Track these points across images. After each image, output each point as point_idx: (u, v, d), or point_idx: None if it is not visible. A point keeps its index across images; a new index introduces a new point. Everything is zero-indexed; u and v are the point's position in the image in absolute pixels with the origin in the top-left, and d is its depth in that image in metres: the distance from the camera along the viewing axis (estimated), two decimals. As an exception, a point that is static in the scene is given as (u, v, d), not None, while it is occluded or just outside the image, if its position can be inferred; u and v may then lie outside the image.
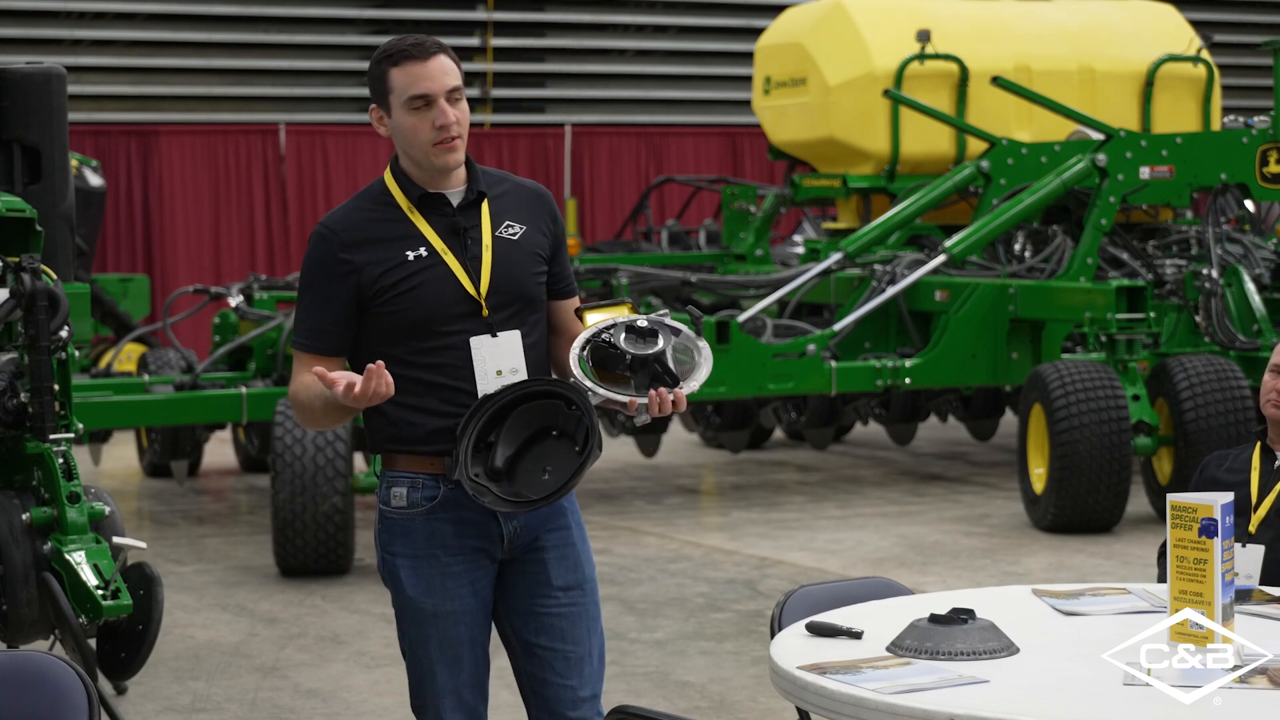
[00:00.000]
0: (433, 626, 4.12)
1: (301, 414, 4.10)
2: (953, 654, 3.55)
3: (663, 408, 3.92)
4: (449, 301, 4.02)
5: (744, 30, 18.88)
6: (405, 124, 4.01)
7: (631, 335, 3.96)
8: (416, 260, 4.02)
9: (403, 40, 4.04)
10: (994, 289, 11.51)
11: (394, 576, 4.15)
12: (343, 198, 17.84)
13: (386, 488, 4.09)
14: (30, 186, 6.97)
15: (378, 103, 4.06)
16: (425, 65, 3.99)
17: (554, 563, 4.14)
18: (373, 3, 18.60)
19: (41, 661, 3.69)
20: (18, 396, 6.33)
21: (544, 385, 4.00)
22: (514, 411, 3.97)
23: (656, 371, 3.96)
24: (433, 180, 4.06)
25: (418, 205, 4.06)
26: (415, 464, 4.05)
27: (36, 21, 17.43)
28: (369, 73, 4.09)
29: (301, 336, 4.10)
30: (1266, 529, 4.69)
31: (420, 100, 3.99)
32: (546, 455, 3.97)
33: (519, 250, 4.10)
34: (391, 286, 4.01)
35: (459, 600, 4.10)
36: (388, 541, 4.13)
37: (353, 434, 9.58)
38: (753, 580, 9.12)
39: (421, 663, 4.15)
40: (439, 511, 4.06)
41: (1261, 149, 11.79)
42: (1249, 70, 19.54)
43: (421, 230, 4.05)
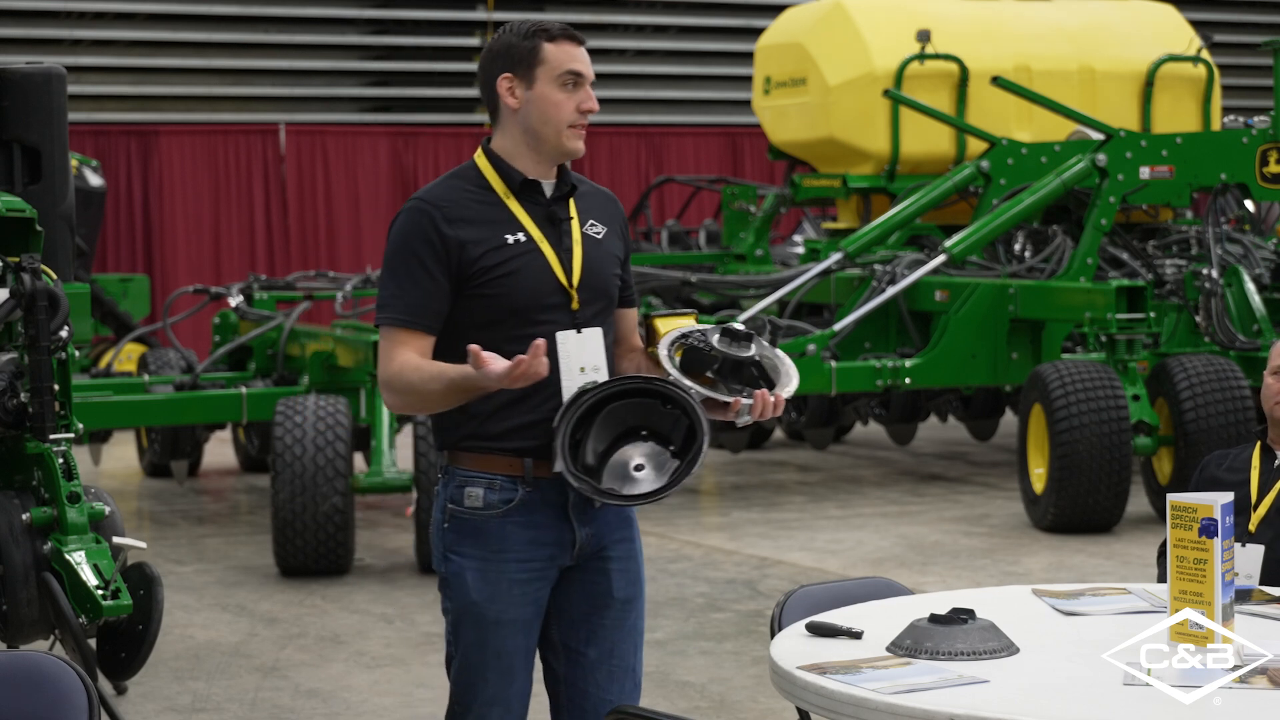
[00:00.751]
0: (493, 634, 3.99)
1: (405, 396, 3.94)
2: (953, 654, 3.55)
3: (765, 410, 3.88)
4: (545, 290, 3.95)
5: (744, 30, 18.88)
6: (551, 98, 3.95)
7: (725, 337, 3.91)
8: (515, 245, 3.95)
9: (550, 21, 4.01)
10: (994, 289, 11.51)
11: (458, 579, 4.01)
12: (343, 198, 18.02)
13: (458, 487, 3.98)
14: (30, 186, 6.96)
15: (515, 72, 3.96)
16: (579, 50, 3.99)
17: (617, 574, 4.09)
18: (373, 3, 18.60)
19: (41, 661, 3.69)
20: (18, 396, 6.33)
21: (641, 383, 3.91)
22: (604, 409, 3.89)
23: (751, 376, 3.91)
24: (536, 167, 4.00)
25: (517, 191, 3.99)
26: (493, 464, 3.96)
27: (36, 21, 17.43)
28: (502, 45, 3.98)
29: (399, 313, 3.94)
30: (1266, 528, 4.69)
31: (573, 77, 3.96)
32: (635, 454, 3.90)
33: (602, 250, 4.05)
34: (492, 268, 3.92)
35: (522, 609, 4.00)
36: (455, 542, 4.01)
37: (352, 434, 9.59)
38: (753, 580, 9.12)
39: (474, 669, 4.02)
40: (514, 515, 3.96)
41: (1261, 149, 11.79)
42: (1249, 70, 19.54)
43: (518, 216, 3.98)
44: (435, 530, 4.06)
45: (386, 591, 9.00)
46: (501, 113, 4.01)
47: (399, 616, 8.44)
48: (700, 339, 3.91)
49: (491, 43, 4.03)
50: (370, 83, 18.91)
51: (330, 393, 10.02)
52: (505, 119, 4.01)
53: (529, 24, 4.00)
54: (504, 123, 4.01)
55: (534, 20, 4.02)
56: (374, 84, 18.91)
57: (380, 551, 10.06)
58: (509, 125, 4.00)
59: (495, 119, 4.04)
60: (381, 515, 11.14)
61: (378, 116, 18.69)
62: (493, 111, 4.04)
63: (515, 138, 4.00)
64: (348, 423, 9.39)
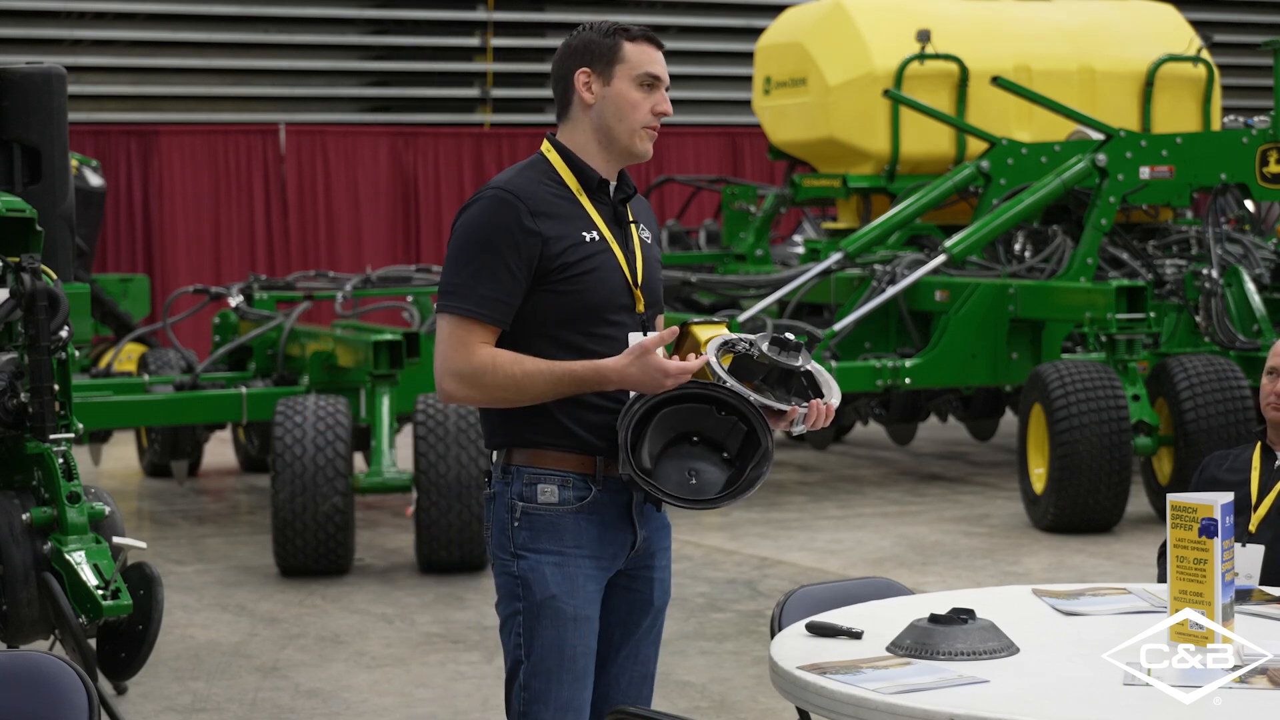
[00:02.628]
0: (571, 631, 3.91)
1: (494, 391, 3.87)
2: (953, 654, 3.55)
3: (818, 420, 3.90)
4: (618, 290, 3.94)
5: (744, 30, 18.88)
6: (628, 96, 3.95)
7: (775, 345, 3.89)
8: (592, 243, 3.93)
9: (630, 23, 4.01)
10: (994, 289, 11.51)
11: (536, 572, 3.90)
12: (343, 198, 18.01)
13: (529, 484, 3.91)
14: (30, 186, 6.97)
15: (593, 67, 3.95)
16: (658, 53, 4.00)
17: (658, 583, 4.10)
18: (373, 3, 18.60)
19: (41, 661, 3.69)
20: (18, 396, 6.33)
21: (693, 387, 3.88)
22: (658, 414, 3.87)
23: (800, 385, 3.91)
24: (604, 166, 3.99)
25: (591, 190, 3.97)
26: (565, 462, 3.92)
27: (36, 21, 17.43)
28: (583, 42, 3.98)
29: (474, 305, 3.85)
30: (1266, 528, 4.69)
31: (652, 79, 3.97)
32: (688, 460, 3.90)
33: (652, 255, 4.06)
34: (573, 264, 3.89)
35: (595, 606, 3.96)
36: (530, 540, 3.91)
37: (352, 434, 9.59)
38: (753, 580, 9.12)
39: (549, 672, 3.92)
40: (587, 513, 3.93)
41: (1261, 149, 11.79)
42: (1249, 70, 19.54)
43: (590, 213, 3.96)
44: (499, 530, 3.95)
45: (386, 591, 9.00)
46: (574, 107, 3.99)
47: (399, 616, 8.44)
48: (748, 347, 3.89)
49: (570, 39, 4.02)
50: (370, 83, 18.91)
51: (330, 393, 10.02)
52: (577, 114, 3.99)
53: (610, 23, 4.00)
54: (576, 118, 3.99)
55: (615, 21, 4.02)
56: (374, 84, 18.90)
57: (380, 551, 10.06)
58: (581, 120, 3.98)
59: (565, 114, 4.01)
60: (381, 515, 11.14)
61: (378, 116, 18.69)
62: (564, 106, 4.01)
63: (586, 133, 3.98)
64: (348, 423, 9.39)
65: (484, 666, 7.47)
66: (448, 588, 9.03)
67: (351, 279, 12.14)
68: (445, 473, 9.16)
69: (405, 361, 9.67)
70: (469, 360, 3.86)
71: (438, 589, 9.00)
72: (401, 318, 12.32)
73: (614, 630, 4.06)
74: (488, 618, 8.28)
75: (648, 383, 3.84)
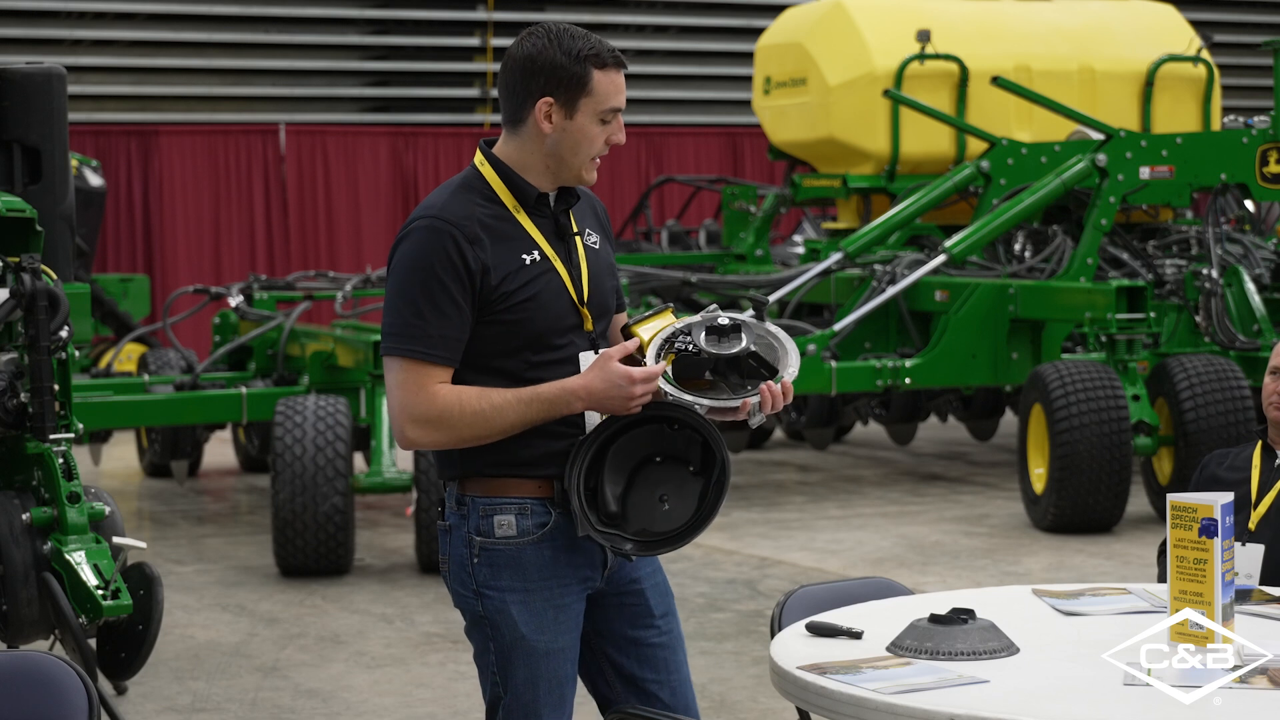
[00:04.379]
0: (544, 666, 3.77)
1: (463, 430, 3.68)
2: (953, 654, 3.55)
3: (775, 403, 3.68)
4: (564, 311, 3.75)
5: (744, 30, 18.88)
6: (588, 131, 3.73)
7: (712, 336, 3.71)
8: (532, 265, 3.73)
9: (598, 42, 3.74)
10: (994, 289, 11.51)
11: (502, 614, 3.75)
12: (343, 198, 18.02)
13: (485, 516, 3.75)
14: (30, 186, 6.97)
15: (556, 98, 3.71)
16: (622, 78, 3.77)
17: (651, 592, 3.93)
18: (373, 3, 18.59)
19: (41, 661, 3.69)
20: (18, 396, 6.33)
21: (639, 412, 3.71)
22: (611, 447, 3.71)
23: (750, 367, 3.70)
24: (545, 184, 3.79)
25: (529, 206, 3.77)
26: (522, 488, 3.75)
27: (36, 21, 17.43)
28: (549, 61, 3.69)
29: (425, 346, 3.66)
30: (1266, 528, 4.69)
31: (613, 113, 3.75)
32: (657, 483, 3.74)
33: (600, 261, 3.87)
34: (514, 292, 3.69)
35: (568, 635, 3.81)
36: (491, 576, 3.75)
37: (352, 434, 9.59)
38: (753, 580, 9.12)
39: (527, 707, 3.78)
40: (549, 539, 3.76)
41: (1261, 149, 11.79)
42: (1249, 70, 19.54)
43: (530, 232, 3.76)
44: (458, 565, 3.80)
45: (386, 591, 9.00)
46: (526, 128, 3.75)
47: (399, 616, 8.44)
48: (686, 342, 3.72)
49: (532, 49, 3.73)
50: (370, 83, 18.91)
51: (330, 393, 10.02)
52: (528, 136, 3.76)
53: (579, 43, 3.72)
54: (525, 138, 3.76)
55: (582, 39, 3.73)
56: (374, 84, 18.90)
57: (380, 551, 10.06)
58: (531, 143, 3.76)
59: (514, 130, 3.78)
60: (381, 515, 11.14)
61: (378, 116, 18.69)
62: (514, 122, 3.77)
63: (534, 155, 3.76)
64: (348, 423, 9.39)
65: (484, 666, 7.47)
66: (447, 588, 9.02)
67: (351, 279, 12.14)
68: (445, 473, 9.15)
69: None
70: (433, 404, 3.67)
71: (438, 589, 9.00)
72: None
73: (628, 648, 3.92)
74: (488, 618, 8.27)
75: (616, 395, 3.66)
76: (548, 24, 3.78)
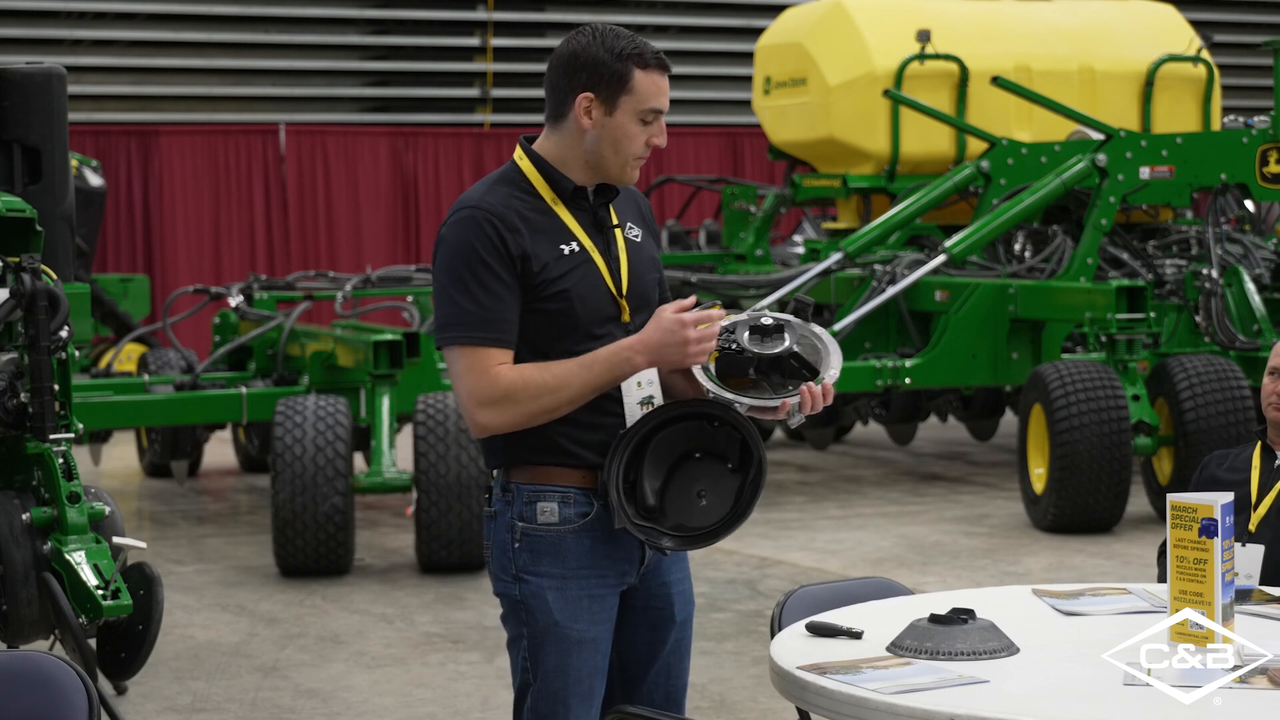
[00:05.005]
0: (575, 655, 3.81)
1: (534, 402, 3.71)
2: (953, 654, 3.55)
3: (815, 404, 3.71)
4: (602, 301, 3.80)
5: (744, 30, 18.88)
6: (627, 130, 3.78)
7: (756, 335, 3.74)
8: (571, 255, 3.78)
9: (643, 44, 3.80)
10: (994, 289, 11.51)
11: (538, 599, 3.80)
12: (343, 198, 18.01)
13: (528, 503, 3.80)
14: (30, 186, 6.97)
15: (597, 93, 3.76)
16: (666, 80, 3.82)
17: (678, 597, 3.97)
18: (373, 3, 18.59)
19: (41, 661, 3.69)
20: (18, 396, 6.33)
21: (680, 408, 3.77)
22: (652, 441, 3.76)
23: (792, 367, 3.73)
24: (584, 178, 3.84)
25: (566, 199, 3.82)
26: (566, 477, 3.79)
27: (36, 21, 17.43)
28: (591, 58, 3.76)
29: (483, 330, 3.71)
30: (1266, 528, 4.69)
31: (654, 114, 3.80)
32: (695, 479, 3.77)
33: (642, 254, 3.91)
34: (554, 280, 3.74)
35: (601, 627, 3.84)
36: (531, 562, 3.80)
37: (352, 434, 9.59)
38: (753, 580, 9.12)
39: (555, 695, 3.82)
40: (590, 530, 3.80)
41: (1261, 149, 11.79)
42: (1249, 70, 19.54)
43: (568, 224, 3.81)
44: (500, 551, 3.84)
45: (386, 591, 9.00)
46: (567, 123, 3.81)
47: (399, 616, 8.44)
48: (730, 340, 3.74)
49: (576, 46, 3.80)
50: (370, 83, 18.91)
51: (330, 393, 10.02)
52: (569, 131, 3.81)
53: (623, 42, 3.78)
54: (566, 133, 3.81)
55: (627, 39, 3.80)
56: (374, 84, 18.90)
57: (380, 551, 10.06)
58: (571, 138, 3.81)
59: (555, 125, 3.83)
60: (381, 515, 11.14)
61: (378, 116, 18.69)
62: (556, 117, 3.83)
63: (573, 151, 3.82)
64: (348, 423, 9.39)
65: (484, 666, 7.48)
66: (448, 588, 9.03)
67: (351, 279, 12.14)
68: (445, 473, 9.16)
69: (405, 361, 9.67)
70: (498, 384, 3.72)
71: (438, 589, 9.00)
72: (401, 318, 12.32)
73: (640, 650, 3.96)
74: (488, 618, 8.28)
75: (671, 341, 3.68)
76: (595, 25, 3.85)
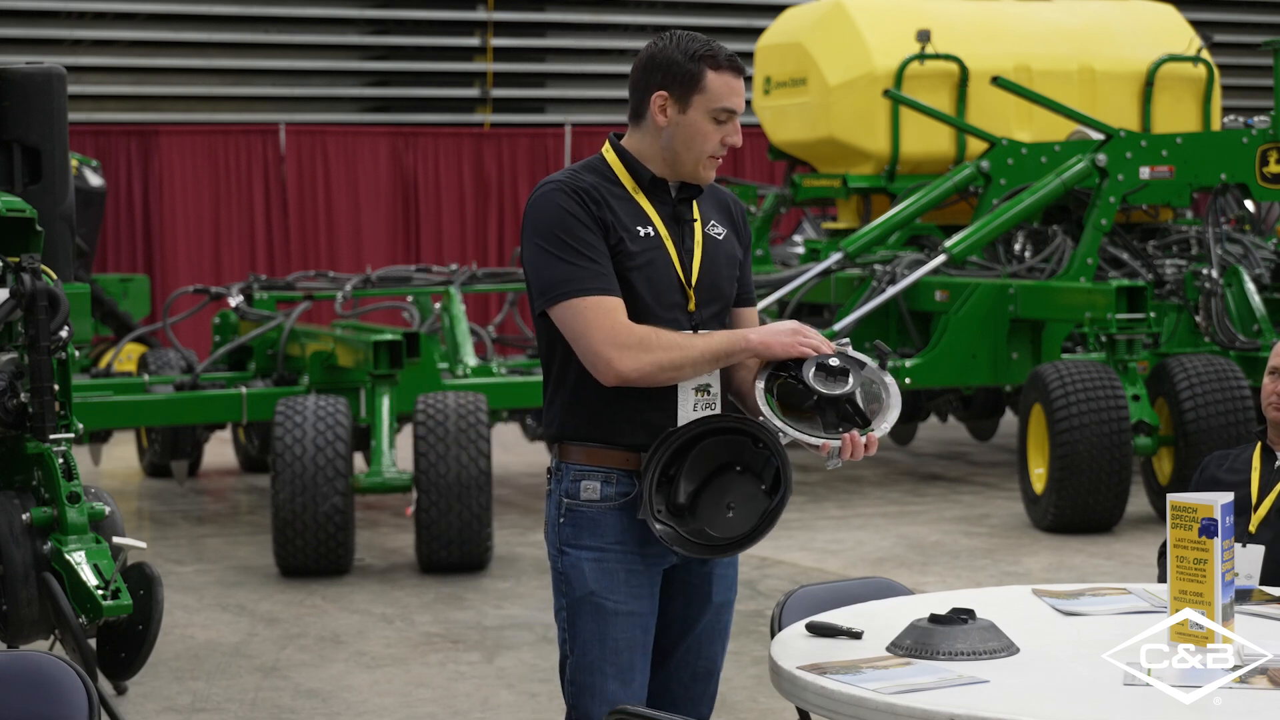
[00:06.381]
0: (610, 626, 3.95)
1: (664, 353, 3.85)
2: (953, 654, 3.55)
3: (855, 453, 3.83)
4: (668, 287, 3.95)
5: (744, 30, 18.87)
6: (700, 128, 3.94)
7: (821, 373, 3.85)
8: (646, 238, 3.95)
9: (718, 47, 3.97)
10: (994, 289, 11.51)
11: (576, 569, 3.95)
12: (343, 198, 18.01)
13: (574, 481, 3.96)
14: (30, 186, 6.97)
15: (671, 92, 3.94)
16: (739, 82, 3.97)
17: (717, 579, 4.09)
18: (373, 3, 18.60)
19: (41, 661, 3.69)
20: (18, 396, 6.33)
21: (732, 422, 3.90)
22: (698, 445, 3.88)
23: (846, 412, 3.84)
24: (665, 172, 4.00)
25: (645, 188, 3.99)
26: (610, 458, 3.94)
27: (36, 21, 17.43)
28: (666, 58, 3.95)
29: (600, 283, 3.85)
30: (1266, 529, 4.69)
31: (727, 114, 3.95)
32: (729, 491, 3.88)
33: (722, 251, 4.04)
34: (629, 256, 3.91)
35: (637, 601, 3.97)
36: (573, 536, 3.96)
37: (352, 434, 9.59)
38: (753, 580, 9.12)
39: (591, 665, 3.97)
40: (630, 507, 3.94)
41: (1261, 149, 11.79)
42: (1249, 70, 19.54)
43: (646, 210, 3.98)
44: (550, 526, 4.02)
45: (386, 591, 9.00)
46: (646, 121, 3.99)
47: (399, 616, 8.44)
48: (795, 374, 3.85)
49: (655, 49, 3.98)
50: (370, 83, 18.91)
51: (330, 393, 10.02)
52: (647, 129, 3.99)
53: (697, 45, 3.96)
54: (645, 130, 4.00)
55: (702, 42, 3.97)
56: (374, 84, 18.90)
57: (380, 551, 10.06)
58: (649, 135, 3.99)
59: (636, 122, 4.01)
60: (381, 515, 11.14)
61: (378, 116, 18.69)
62: (636, 115, 4.01)
63: (652, 147, 3.99)
64: (348, 423, 9.39)
65: (484, 666, 7.48)
66: (448, 588, 9.03)
67: (351, 279, 12.15)
68: (445, 473, 9.17)
69: (405, 361, 9.67)
70: (633, 330, 3.85)
71: (438, 589, 9.00)
72: (401, 318, 12.32)
73: (674, 624, 4.08)
74: (488, 618, 8.28)
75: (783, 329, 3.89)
76: (675, 29, 4.06)
